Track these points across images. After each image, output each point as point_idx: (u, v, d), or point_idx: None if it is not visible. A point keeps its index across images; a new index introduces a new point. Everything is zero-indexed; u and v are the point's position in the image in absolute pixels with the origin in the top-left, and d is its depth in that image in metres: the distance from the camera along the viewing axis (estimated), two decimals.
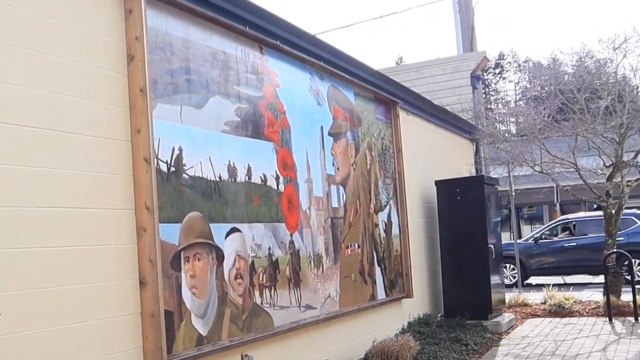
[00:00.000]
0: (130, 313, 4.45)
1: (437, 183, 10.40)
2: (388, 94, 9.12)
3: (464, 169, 11.81)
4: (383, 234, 8.54)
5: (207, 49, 5.42)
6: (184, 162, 4.98)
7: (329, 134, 7.42)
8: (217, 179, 5.34)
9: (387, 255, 8.62)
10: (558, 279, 17.66)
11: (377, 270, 8.25)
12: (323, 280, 6.86)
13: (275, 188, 6.18)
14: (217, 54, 5.55)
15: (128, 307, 4.45)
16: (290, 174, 6.47)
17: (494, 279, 10.17)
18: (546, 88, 12.86)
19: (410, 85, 12.15)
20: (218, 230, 5.27)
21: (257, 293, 5.68)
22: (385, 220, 8.68)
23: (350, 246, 7.60)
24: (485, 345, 8.71)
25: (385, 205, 8.74)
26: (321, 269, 6.86)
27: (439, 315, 10.20)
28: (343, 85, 7.90)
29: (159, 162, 4.74)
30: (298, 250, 6.44)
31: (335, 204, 7.37)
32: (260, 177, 5.96)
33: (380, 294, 8.24)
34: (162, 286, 4.55)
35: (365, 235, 7.97)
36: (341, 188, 7.55)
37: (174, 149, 4.90)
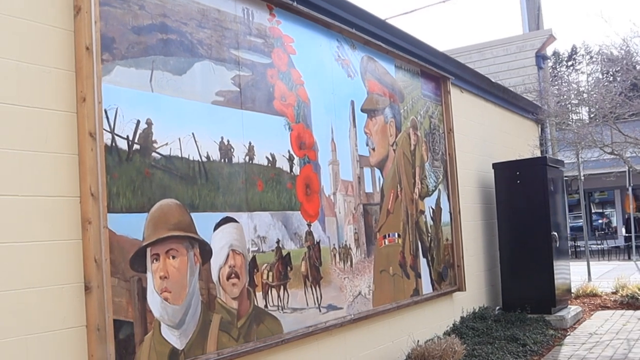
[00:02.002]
0: (72, 326, 3.23)
1: (495, 166, 8.78)
2: (437, 68, 7.58)
3: (526, 151, 10.09)
4: (430, 222, 7.05)
5: (193, 4, 4.12)
6: (153, 139, 3.71)
7: (362, 110, 6.00)
8: (204, 159, 4.05)
9: (435, 245, 7.12)
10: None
11: (423, 262, 6.78)
12: (352, 275, 5.48)
13: (288, 170, 4.84)
14: (207, 11, 4.24)
15: (70, 319, 3.23)
16: (309, 155, 5.11)
17: (559, 269, 8.48)
18: (619, 68, 10.93)
19: (472, 67, 10.51)
20: (203, 220, 3.98)
21: (259, 295, 4.37)
22: (433, 207, 7.18)
23: (389, 236, 6.17)
24: (546, 344, 7.09)
25: (434, 191, 7.24)
26: (349, 262, 5.48)
27: (497, 308, 8.60)
28: (381, 57, 6.44)
29: (116, 137, 3.49)
30: (318, 242, 5.08)
31: (369, 189, 5.95)
32: (267, 158, 4.62)
33: (426, 289, 6.77)
34: (113, 292, 3.32)
35: (407, 223, 6.52)
36: (377, 171, 6.12)
37: (139, 122, 3.63)
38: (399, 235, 6.35)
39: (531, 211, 8.37)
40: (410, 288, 6.46)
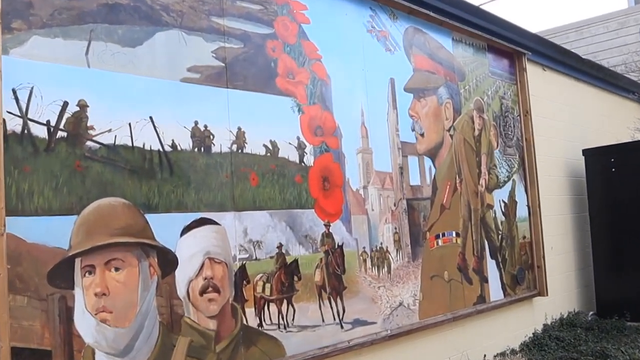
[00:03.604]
0: None
1: (586, 152, 7.19)
2: (509, 42, 6.19)
3: (625, 134, 8.32)
4: (501, 217, 5.71)
5: None
6: (89, 124, 2.80)
7: (406, 90, 4.82)
8: (168, 148, 3.10)
9: (508, 244, 5.77)
10: None
11: (490, 264, 5.46)
12: (389, 284, 4.33)
13: (297, 161, 3.79)
14: None
15: None
16: (328, 142, 4.02)
17: None
18: None
19: (569, 48, 8.87)
20: (165, 223, 3.03)
21: (250, 311, 3.36)
22: (505, 200, 5.83)
23: (443, 235, 4.94)
24: None
25: (506, 182, 5.88)
26: (386, 268, 4.33)
27: (591, 313, 7.01)
28: (433, 29, 5.21)
29: (29, 123, 2.61)
30: (340, 246, 3.99)
31: (415, 181, 4.76)
32: (266, 146, 3.60)
33: (495, 295, 5.45)
34: (18, 313, 2.46)
35: (469, 220, 5.24)
36: (427, 160, 4.92)
37: (66, 104, 2.74)
38: (457, 234, 5.09)
39: (630, 202, 6.73)
40: (473, 295, 5.18)
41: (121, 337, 2.79)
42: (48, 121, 2.67)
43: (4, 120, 2.52)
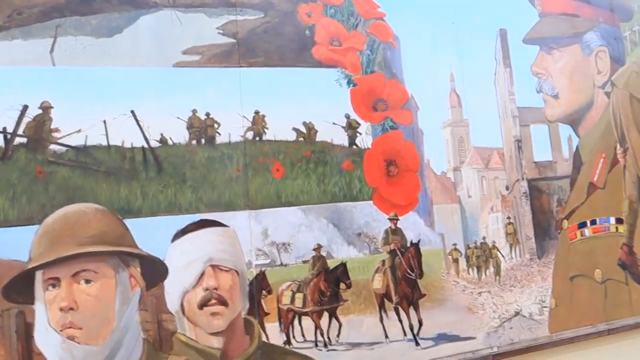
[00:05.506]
0: None
1: None
2: None
3: None
4: None
5: None
6: (52, 127, 2.49)
7: (528, 41, 3.61)
8: (157, 144, 2.64)
9: None
10: None
11: None
12: (498, 288, 3.26)
13: (345, 144, 3.01)
14: None
15: None
16: (395, 117, 3.14)
17: None
18: None
19: None
20: (152, 228, 2.58)
21: (272, 326, 2.73)
22: None
23: (593, 223, 3.60)
24: None
25: None
26: (493, 269, 3.27)
27: None
28: None
29: None
30: (416, 244, 3.08)
31: (542, 156, 3.55)
32: (297, 130, 2.91)
33: None
34: None
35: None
36: (565, 128, 3.64)
37: (25, 108, 2.46)
38: (618, 221, 3.68)
39: None
40: None
41: (93, 355, 2.42)
42: (4, 128, 2.42)
43: None
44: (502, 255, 3.29)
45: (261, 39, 2.89)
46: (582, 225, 3.55)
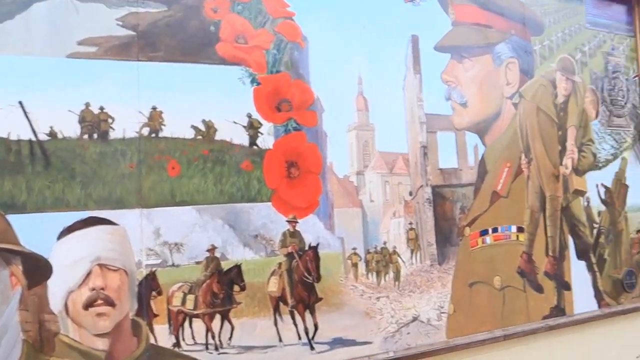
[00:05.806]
0: None
1: None
2: None
3: None
4: (600, 207, 4.21)
5: None
6: None
7: (438, 49, 3.67)
8: (46, 137, 2.56)
9: (610, 240, 4.25)
10: None
11: (577, 266, 4.06)
12: (397, 293, 3.33)
13: (246, 143, 2.99)
14: None
15: None
16: (299, 118, 3.14)
17: None
18: None
19: None
20: (36, 224, 2.51)
21: (161, 328, 2.71)
22: (607, 184, 4.29)
23: (495, 231, 3.72)
24: None
25: (610, 161, 4.33)
26: (392, 274, 3.34)
27: None
28: None
29: None
30: (315, 247, 3.11)
31: (446, 164, 3.63)
32: (195, 128, 2.88)
33: (582, 305, 4.03)
34: None
35: (541, 210, 3.91)
36: (471, 136, 3.73)
37: None
38: (519, 229, 3.82)
39: None
40: (544, 307, 3.87)
41: None
42: None
43: None
44: (403, 261, 3.35)
45: (163, 32, 2.83)
46: (484, 232, 3.66)
